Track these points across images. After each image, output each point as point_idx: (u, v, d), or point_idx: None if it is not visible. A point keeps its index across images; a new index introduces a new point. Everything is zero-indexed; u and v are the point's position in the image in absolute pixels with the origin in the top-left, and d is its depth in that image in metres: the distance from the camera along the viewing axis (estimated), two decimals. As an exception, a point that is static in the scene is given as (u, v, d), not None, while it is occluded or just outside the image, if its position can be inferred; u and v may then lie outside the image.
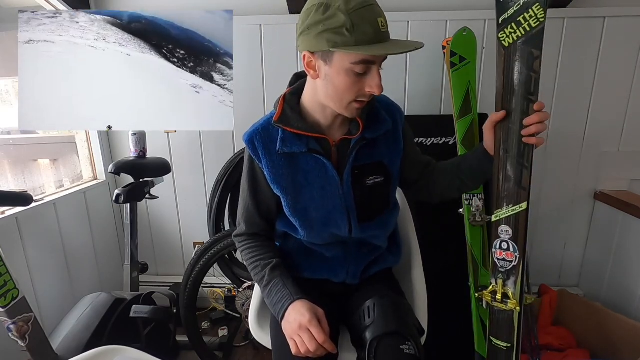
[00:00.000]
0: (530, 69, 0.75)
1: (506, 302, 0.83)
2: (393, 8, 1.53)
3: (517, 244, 0.81)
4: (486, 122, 0.82)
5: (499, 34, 0.79)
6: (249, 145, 0.86)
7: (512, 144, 0.79)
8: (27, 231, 1.37)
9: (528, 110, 0.76)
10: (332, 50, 0.69)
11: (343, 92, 0.75)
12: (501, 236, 0.83)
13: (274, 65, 1.65)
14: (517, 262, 0.82)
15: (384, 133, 0.87)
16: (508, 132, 0.79)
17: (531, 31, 0.74)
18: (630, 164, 1.64)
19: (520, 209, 0.80)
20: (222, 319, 1.83)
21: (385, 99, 0.93)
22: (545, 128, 0.75)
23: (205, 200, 1.81)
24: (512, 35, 0.77)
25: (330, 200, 0.86)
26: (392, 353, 0.76)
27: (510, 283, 0.83)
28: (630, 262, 1.50)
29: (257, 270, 0.89)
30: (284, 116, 0.84)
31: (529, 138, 0.76)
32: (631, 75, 1.55)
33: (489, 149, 0.83)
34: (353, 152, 0.84)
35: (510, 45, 0.78)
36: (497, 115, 0.79)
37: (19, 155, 1.81)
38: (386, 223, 0.95)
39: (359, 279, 0.96)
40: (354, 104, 0.77)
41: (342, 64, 0.71)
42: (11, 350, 1.10)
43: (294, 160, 0.85)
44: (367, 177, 0.87)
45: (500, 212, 0.83)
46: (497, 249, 0.84)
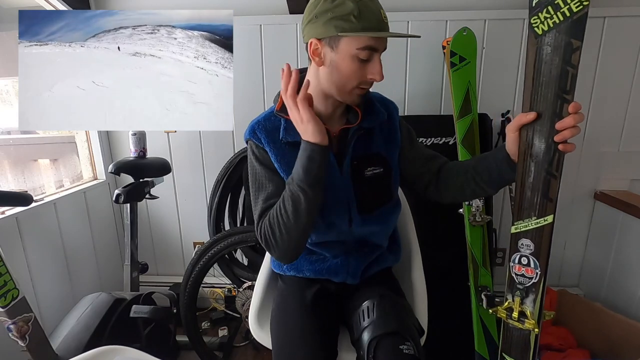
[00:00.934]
0: (568, 63, 0.63)
1: (523, 322, 0.75)
2: (393, 8, 1.52)
3: (539, 259, 0.72)
4: (511, 123, 0.74)
5: (531, 19, 0.66)
6: (252, 136, 0.86)
7: (539, 150, 0.69)
8: (27, 231, 1.37)
9: (562, 111, 0.65)
10: (340, 36, 0.73)
11: (347, 77, 0.77)
12: (521, 250, 0.74)
13: (274, 65, 1.65)
14: (537, 279, 0.73)
15: (379, 124, 0.89)
16: (536, 136, 0.69)
17: (571, 16, 0.62)
18: (630, 164, 1.64)
19: (545, 222, 0.71)
20: (222, 319, 1.83)
21: (379, 94, 0.96)
22: (578, 132, 0.66)
23: (205, 200, 1.81)
24: (548, 21, 0.64)
25: (331, 191, 0.86)
26: (392, 353, 0.76)
27: (528, 301, 0.75)
28: (630, 262, 1.50)
29: (287, 203, 0.77)
30: (285, 106, 0.84)
31: (565, 145, 0.67)
32: (631, 75, 1.55)
33: (512, 153, 0.76)
34: (352, 141, 0.86)
35: (544, 33, 0.65)
36: (526, 117, 0.70)
37: (19, 155, 1.81)
38: (386, 218, 0.94)
39: (359, 279, 0.96)
40: (357, 90, 0.80)
41: (349, 49, 0.74)
42: (11, 350, 1.10)
43: (297, 149, 0.85)
44: (366, 168, 0.88)
45: (521, 224, 0.73)
46: (515, 264, 0.76)
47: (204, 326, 1.80)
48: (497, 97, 1.61)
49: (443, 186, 0.92)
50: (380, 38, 0.75)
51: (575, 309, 1.48)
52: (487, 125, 1.52)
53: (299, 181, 0.76)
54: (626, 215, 1.51)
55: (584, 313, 1.44)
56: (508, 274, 0.78)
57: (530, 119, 0.69)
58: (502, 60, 1.57)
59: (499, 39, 1.55)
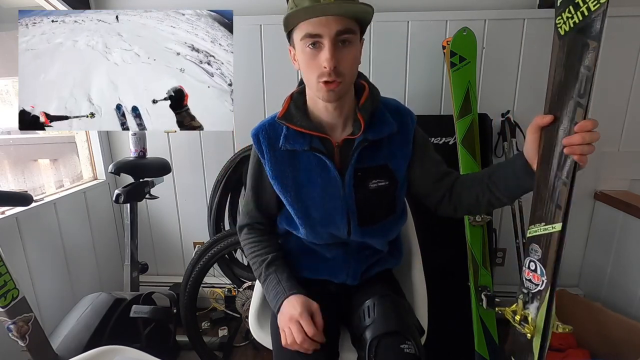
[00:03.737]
0: (582, 64, 0.61)
1: (523, 326, 0.73)
2: (393, 8, 1.53)
3: (546, 267, 0.69)
4: (530, 125, 0.70)
5: (556, 19, 0.65)
6: (255, 140, 0.88)
7: (551, 154, 0.67)
8: (27, 231, 1.37)
9: (575, 115, 0.63)
10: (289, 32, 0.77)
11: (306, 71, 0.78)
12: (530, 255, 0.73)
13: (274, 65, 1.64)
14: (543, 287, 0.70)
15: (388, 136, 0.85)
16: (549, 139, 0.67)
17: (589, 16, 0.59)
18: (630, 164, 1.64)
19: (552, 230, 0.67)
20: (222, 319, 1.83)
21: (396, 103, 0.91)
22: (592, 150, 0.61)
23: (205, 200, 1.81)
24: (569, 21, 0.62)
25: (331, 201, 0.86)
26: (392, 352, 0.76)
27: (532, 307, 0.73)
28: (630, 262, 1.50)
29: (255, 267, 0.92)
30: (287, 113, 0.85)
31: (579, 157, 0.62)
32: (631, 75, 1.55)
33: (530, 157, 0.71)
34: (355, 153, 0.83)
35: (566, 34, 0.63)
36: (543, 119, 0.66)
37: (19, 155, 1.82)
38: (389, 230, 0.94)
39: (359, 280, 0.96)
40: (320, 84, 0.76)
41: (297, 43, 0.76)
42: (11, 350, 1.10)
43: (296, 158, 0.86)
44: (371, 180, 0.86)
45: (533, 228, 0.72)
46: (526, 268, 0.74)
47: (204, 326, 1.80)
48: (497, 97, 1.61)
49: (457, 201, 0.88)
50: (320, 22, 0.71)
51: (575, 309, 1.48)
52: (487, 125, 1.53)
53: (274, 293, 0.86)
54: (626, 215, 1.51)
55: (584, 313, 1.44)
56: (520, 276, 0.76)
57: (547, 122, 0.66)
58: (502, 60, 1.57)
59: (499, 39, 1.55)
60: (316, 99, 0.83)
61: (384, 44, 1.58)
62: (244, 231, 0.97)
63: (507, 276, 1.76)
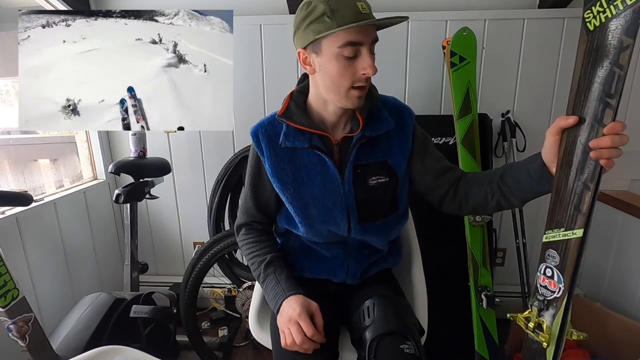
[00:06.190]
0: (615, 63, 0.56)
1: (538, 334, 0.71)
2: (393, 8, 1.53)
3: (564, 274, 0.66)
4: (551, 126, 0.66)
5: (584, 13, 0.60)
6: (254, 138, 0.88)
7: (575, 157, 0.62)
8: (27, 231, 1.37)
9: (602, 117, 0.59)
10: (318, 38, 0.73)
11: (338, 79, 0.76)
12: (547, 261, 0.70)
13: (274, 65, 1.64)
14: (560, 295, 0.67)
15: (386, 132, 0.86)
16: (574, 142, 0.63)
17: (625, 10, 0.54)
18: (630, 164, 1.63)
19: (573, 236, 0.64)
20: (222, 319, 1.83)
21: (394, 100, 0.92)
22: (620, 154, 0.58)
23: (205, 200, 1.81)
24: (600, 16, 0.57)
25: (331, 199, 0.86)
26: (392, 352, 0.76)
27: (547, 315, 0.70)
28: (630, 262, 1.50)
29: (254, 267, 0.92)
30: (288, 111, 0.85)
31: (606, 161, 0.60)
32: (631, 75, 1.55)
33: (548, 160, 0.68)
34: (354, 149, 0.84)
35: (595, 29, 0.58)
36: (566, 120, 0.62)
37: (19, 155, 1.82)
38: (389, 229, 0.93)
39: (358, 280, 0.96)
40: (353, 91, 0.77)
41: (331, 50, 0.74)
42: (11, 350, 1.10)
43: (296, 155, 0.86)
44: (370, 176, 0.86)
45: (550, 233, 0.68)
46: (541, 274, 0.71)
47: (204, 326, 1.80)
48: (497, 97, 1.61)
49: (463, 198, 0.86)
50: (361, 31, 0.72)
51: (575, 309, 1.48)
52: (487, 125, 1.53)
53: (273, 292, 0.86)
54: (626, 215, 1.51)
55: (584, 313, 1.44)
56: (535, 283, 0.74)
57: (571, 124, 0.62)
58: (502, 60, 1.57)
59: (499, 39, 1.55)
60: (317, 98, 0.83)
61: (384, 44, 1.57)
62: (242, 231, 0.97)
63: (507, 276, 1.76)
